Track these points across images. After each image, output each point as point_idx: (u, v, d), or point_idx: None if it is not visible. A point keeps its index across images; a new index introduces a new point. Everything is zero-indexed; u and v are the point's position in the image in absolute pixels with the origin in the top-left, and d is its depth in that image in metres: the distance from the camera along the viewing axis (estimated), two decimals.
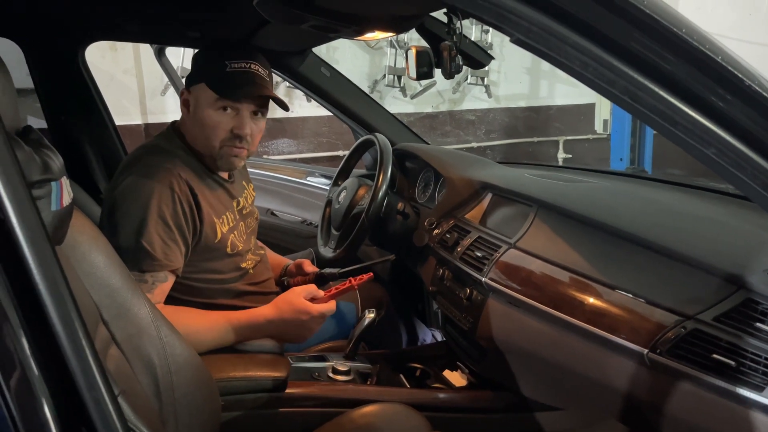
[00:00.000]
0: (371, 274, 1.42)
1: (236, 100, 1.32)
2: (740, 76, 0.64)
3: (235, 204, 1.45)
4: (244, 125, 1.33)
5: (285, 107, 1.43)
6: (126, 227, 1.23)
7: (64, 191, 0.72)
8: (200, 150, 1.38)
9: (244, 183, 1.55)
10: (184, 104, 1.39)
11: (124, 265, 1.00)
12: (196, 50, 1.48)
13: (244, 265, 1.43)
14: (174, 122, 1.43)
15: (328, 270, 1.61)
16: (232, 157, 1.37)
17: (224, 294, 1.39)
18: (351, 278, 1.39)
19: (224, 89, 1.32)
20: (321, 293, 1.35)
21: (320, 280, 1.60)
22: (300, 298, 1.30)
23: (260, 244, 1.70)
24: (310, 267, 1.63)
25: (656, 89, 0.65)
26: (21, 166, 0.58)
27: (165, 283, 1.25)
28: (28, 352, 0.52)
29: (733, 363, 0.89)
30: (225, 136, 1.34)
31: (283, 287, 1.62)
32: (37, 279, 0.51)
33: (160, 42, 2.42)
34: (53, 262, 0.52)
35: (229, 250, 1.38)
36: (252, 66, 1.34)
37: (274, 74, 2.01)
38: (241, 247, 1.41)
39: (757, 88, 0.65)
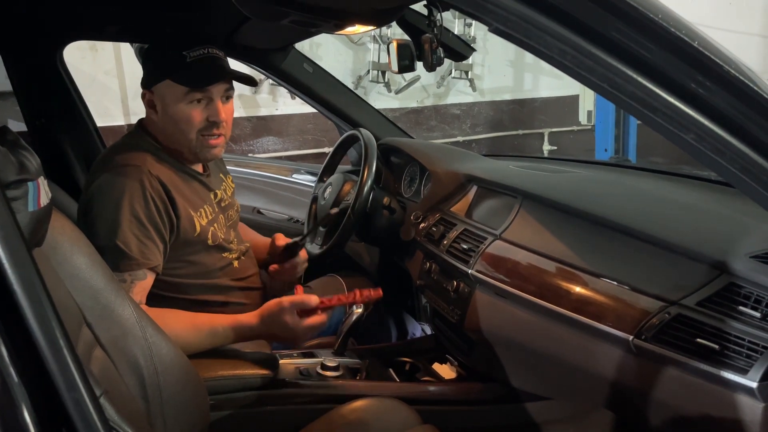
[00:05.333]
0: (380, 292, 1.29)
1: (207, 89, 1.31)
2: (717, 61, 0.65)
3: (212, 196, 1.44)
4: (218, 111, 1.33)
5: (253, 83, 1.42)
6: (100, 228, 1.22)
7: (42, 191, 0.71)
8: (176, 146, 1.36)
9: (221, 175, 1.54)
10: (149, 105, 1.37)
11: (106, 266, 0.99)
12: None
13: (226, 255, 1.42)
14: (141, 120, 1.42)
15: (292, 241, 1.55)
16: (211, 146, 1.36)
17: (209, 290, 1.38)
18: (357, 290, 1.28)
19: (192, 80, 1.30)
20: (314, 301, 1.22)
21: (287, 253, 1.54)
22: (286, 315, 1.22)
23: (250, 235, 1.68)
24: (281, 240, 1.58)
25: (635, 76, 0.65)
26: None
27: (144, 281, 1.23)
28: (5, 356, 0.51)
29: (716, 347, 0.90)
30: (201, 127, 1.33)
31: (263, 264, 1.58)
32: (12, 280, 0.50)
33: (140, 41, 2.39)
34: (28, 263, 0.51)
35: (210, 242, 1.37)
36: (209, 50, 1.33)
37: (257, 71, 2.01)
38: (222, 239, 1.40)
39: (734, 73, 0.65)
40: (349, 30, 1.36)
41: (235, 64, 1.82)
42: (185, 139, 1.34)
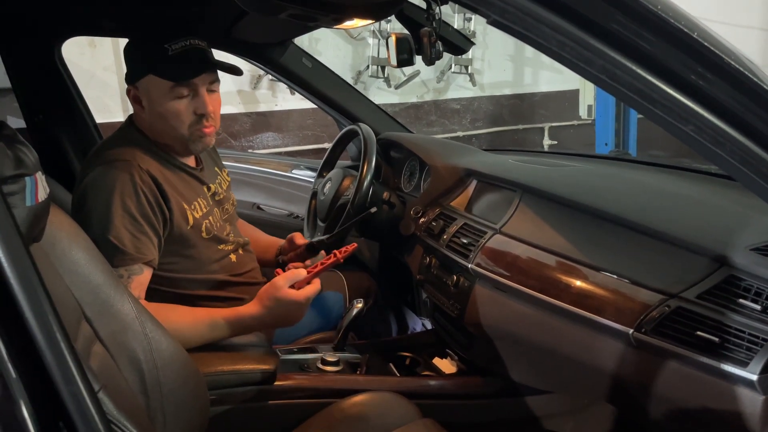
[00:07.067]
0: (355, 245, 1.33)
1: (191, 81, 1.30)
2: (717, 52, 0.64)
3: (206, 189, 1.43)
4: (205, 104, 1.33)
5: (238, 72, 1.41)
6: (93, 224, 1.21)
7: (39, 186, 0.71)
8: (167, 141, 1.36)
9: (216, 169, 1.54)
10: (135, 101, 1.36)
11: (105, 261, 0.99)
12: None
13: (222, 247, 1.41)
14: (131, 115, 1.41)
15: (317, 238, 1.60)
16: (203, 137, 1.36)
17: (206, 285, 1.38)
18: (335, 251, 1.30)
19: (176, 74, 1.30)
20: (302, 273, 1.26)
21: (311, 251, 1.58)
22: (282, 290, 1.24)
23: (250, 230, 1.68)
24: (300, 239, 1.61)
25: (634, 67, 0.65)
26: None
27: (141, 276, 1.23)
28: (3, 351, 0.51)
29: (717, 339, 0.90)
30: (190, 120, 1.33)
31: (279, 265, 1.61)
32: (9, 275, 0.50)
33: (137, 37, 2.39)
34: (25, 258, 0.51)
35: (204, 234, 1.36)
36: (191, 41, 1.32)
37: (255, 66, 2.01)
38: (216, 232, 1.40)
39: (734, 64, 0.65)
40: (348, 24, 1.35)
41: (235, 61, 1.82)
42: (176, 134, 1.34)
